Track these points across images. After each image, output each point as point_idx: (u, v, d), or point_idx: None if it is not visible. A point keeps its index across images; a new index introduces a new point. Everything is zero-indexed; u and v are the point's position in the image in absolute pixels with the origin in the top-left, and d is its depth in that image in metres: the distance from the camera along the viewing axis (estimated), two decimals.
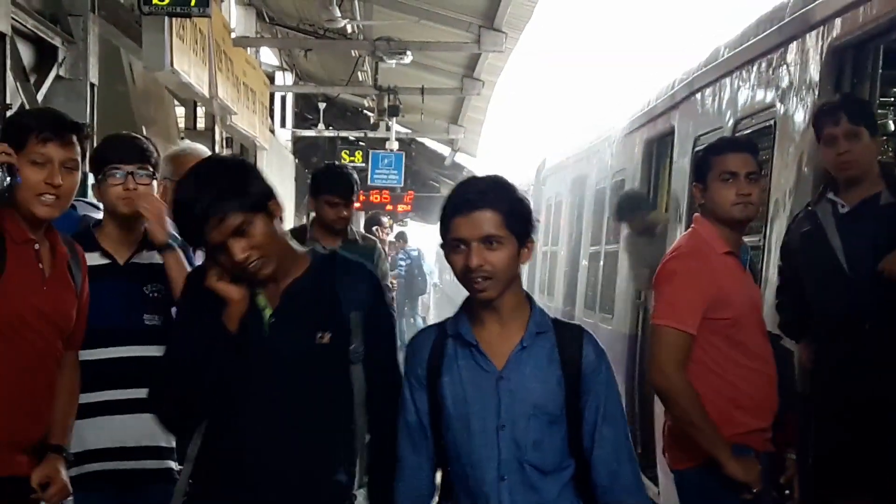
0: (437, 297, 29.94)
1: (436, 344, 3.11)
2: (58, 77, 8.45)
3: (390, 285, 6.59)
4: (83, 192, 7.92)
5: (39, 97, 8.05)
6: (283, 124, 22.74)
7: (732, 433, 3.92)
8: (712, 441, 3.89)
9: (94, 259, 3.81)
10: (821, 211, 4.42)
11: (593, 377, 3.04)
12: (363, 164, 25.78)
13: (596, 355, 3.06)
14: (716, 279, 3.99)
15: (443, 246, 3.06)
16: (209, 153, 5.02)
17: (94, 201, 5.62)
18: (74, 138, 3.49)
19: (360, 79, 19.20)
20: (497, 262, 2.94)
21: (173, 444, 3.90)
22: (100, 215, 4.17)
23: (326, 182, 5.87)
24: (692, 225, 4.27)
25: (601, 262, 10.23)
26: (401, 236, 22.19)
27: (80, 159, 3.50)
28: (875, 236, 4.24)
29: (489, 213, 2.93)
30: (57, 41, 8.32)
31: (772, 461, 4.09)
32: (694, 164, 4.33)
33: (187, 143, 4.90)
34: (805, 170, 5.15)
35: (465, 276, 2.97)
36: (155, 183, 3.94)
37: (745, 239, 4.80)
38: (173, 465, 3.91)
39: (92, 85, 8.73)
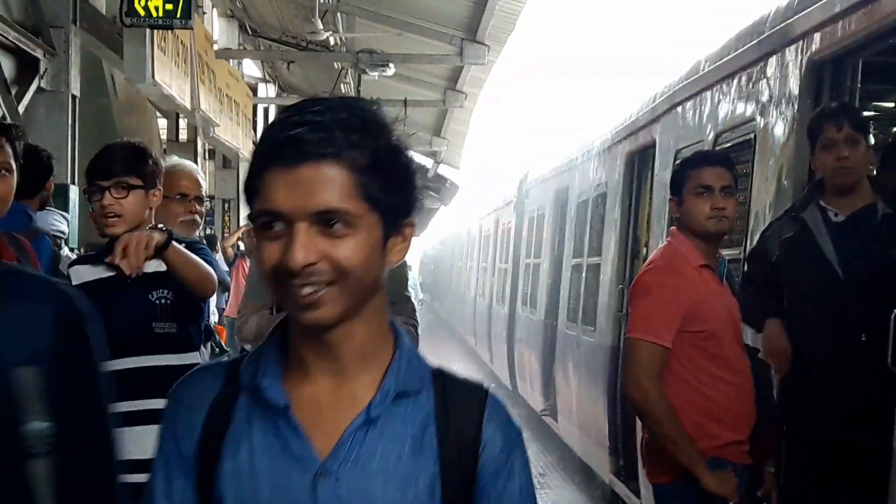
0: (427, 319, 29.71)
1: (218, 401, 1.70)
2: (39, 89, 8.44)
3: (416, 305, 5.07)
4: (65, 203, 7.93)
5: (20, 109, 8.04)
6: None
7: (709, 446, 3.92)
8: (688, 454, 3.88)
9: (98, 273, 3.76)
10: (810, 218, 4.41)
11: (498, 482, 1.67)
12: None
13: (506, 441, 1.68)
14: (691, 292, 3.99)
15: (251, 218, 1.64)
16: (196, 168, 4.94)
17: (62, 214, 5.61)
18: (4, 140, 3.35)
19: (343, 91, 19.21)
20: (343, 260, 1.56)
21: None
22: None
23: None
24: (668, 238, 4.28)
25: (583, 275, 10.25)
26: None
27: (13, 161, 3.31)
28: (872, 247, 4.24)
29: (333, 167, 1.55)
30: (38, 53, 8.32)
31: (749, 474, 4.09)
32: (670, 178, 4.33)
33: (176, 159, 4.83)
34: (785, 183, 5.17)
35: (280, 279, 1.57)
36: (143, 192, 3.75)
37: (726, 252, 4.81)
38: None
39: (73, 97, 8.72)
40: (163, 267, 3.80)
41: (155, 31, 9.18)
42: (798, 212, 4.48)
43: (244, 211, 18.01)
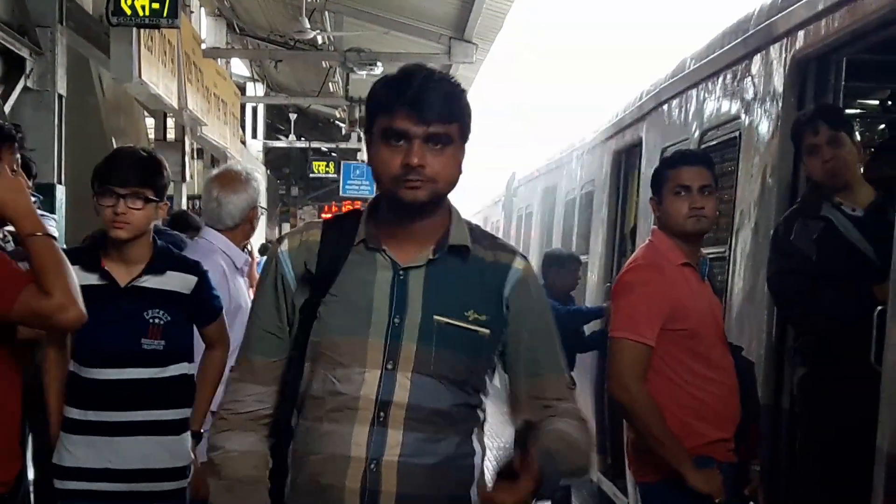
0: None
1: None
2: (25, 88, 8.44)
3: None
4: (51, 203, 7.92)
5: (6, 108, 8.04)
6: (254, 135, 22.74)
7: (695, 444, 3.92)
8: (673, 453, 3.89)
9: (91, 280, 3.72)
10: (832, 215, 4.36)
11: None
12: (335, 175, 25.88)
13: None
14: (673, 290, 3.99)
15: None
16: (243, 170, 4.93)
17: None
18: (16, 146, 3.49)
19: (331, 90, 19.25)
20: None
21: (183, 463, 3.84)
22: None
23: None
24: (650, 237, 4.28)
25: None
26: None
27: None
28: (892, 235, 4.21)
29: None
30: (24, 52, 8.31)
31: (736, 472, 4.10)
32: (651, 178, 4.33)
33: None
34: (769, 180, 5.18)
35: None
36: (153, 206, 3.78)
37: (710, 250, 4.80)
38: (180, 485, 3.83)
39: (60, 96, 8.71)
40: (164, 286, 3.83)
41: (142, 30, 9.18)
42: (814, 212, 4.42)
43: None
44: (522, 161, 15.93)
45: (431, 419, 2.47)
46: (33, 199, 5.41)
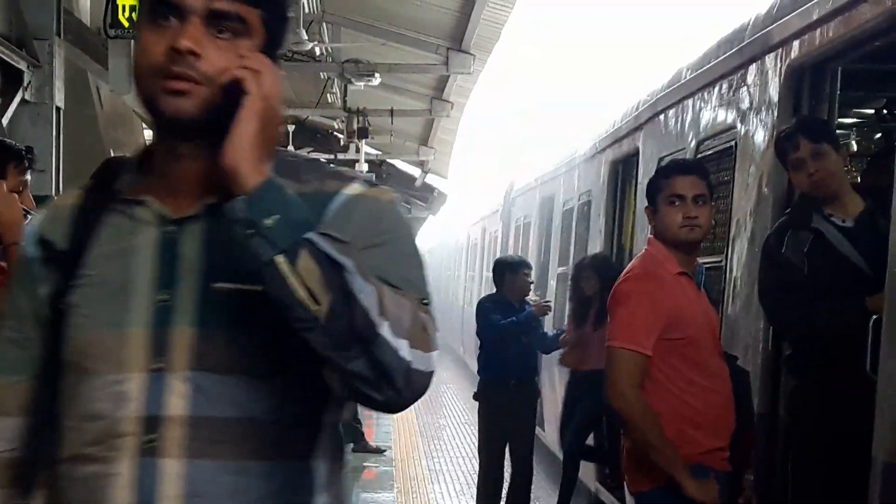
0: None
1: None
2: (23, 101, 8.43)
3: None
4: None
5: (4, 121, 8.04)
6: None
7: (690, 453, 3.93)
8: (670, 461, 3.89)
9: None
10: (822, 227, 4.36)
11: None
12: None
13: None
14: (670, 300, 4.00)
15: None
16: None
17: None
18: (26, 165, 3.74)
19: (329, 101, 19.22)
20: None
21: None
22: None
23: None
24: (646, 246, 4.29)
25: (569, 283, 10.25)
26: None
27: None
28: (884, 244, 4.19)
29: None
30: (22, 65, 8.31)
31: (729, 482, 4.10)
32: (646, 187, 4.35)
33: None
34: (765, 190, 5.19)
35: None
36: None
37: (707, 259, 4.81)
38: None
39: (58, 108, 8.71)
40: None
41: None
42: (805, 223, 4.41)
43: None
44: (523, 161, 15.99)
45: (230, 438, 1.67)
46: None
